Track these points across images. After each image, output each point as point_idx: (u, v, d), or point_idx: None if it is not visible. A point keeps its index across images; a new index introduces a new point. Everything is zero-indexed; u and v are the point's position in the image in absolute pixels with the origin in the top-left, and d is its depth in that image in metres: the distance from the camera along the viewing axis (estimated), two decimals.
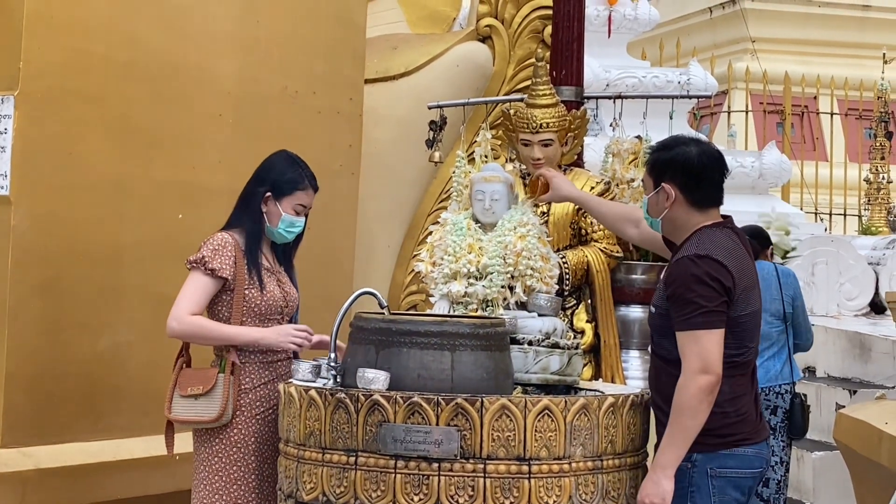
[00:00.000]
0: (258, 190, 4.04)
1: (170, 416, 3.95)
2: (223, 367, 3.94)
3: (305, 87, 5.65)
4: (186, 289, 3.93)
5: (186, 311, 3.90)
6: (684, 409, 3.40)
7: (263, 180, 4.05)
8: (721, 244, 3.52)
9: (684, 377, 3.41)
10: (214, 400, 3.91)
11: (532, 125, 4.74)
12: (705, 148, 3.64)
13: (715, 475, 3.48)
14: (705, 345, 3.40)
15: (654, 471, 3.46)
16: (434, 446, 3.41)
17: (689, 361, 3.41)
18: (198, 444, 3.97)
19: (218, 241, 3.96)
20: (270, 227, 4.05)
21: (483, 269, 4.26)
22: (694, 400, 3.39)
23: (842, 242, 9.83)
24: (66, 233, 4.73)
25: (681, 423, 3.41)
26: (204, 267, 3.91)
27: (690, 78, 10.03)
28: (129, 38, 4.94)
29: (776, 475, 5.68)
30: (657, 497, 3.41)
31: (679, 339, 3.45)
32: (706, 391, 3.39)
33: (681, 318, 3.44)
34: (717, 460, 3.48)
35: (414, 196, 6.63)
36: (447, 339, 3.56)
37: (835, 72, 13.66)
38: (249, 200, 4.05)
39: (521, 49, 6.70)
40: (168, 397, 3.95)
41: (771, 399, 5.68)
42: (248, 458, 3.95)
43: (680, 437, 3.42)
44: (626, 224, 4.25)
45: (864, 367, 7.97)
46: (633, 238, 4.30)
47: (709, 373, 3.39)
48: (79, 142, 4.78)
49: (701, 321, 3.41)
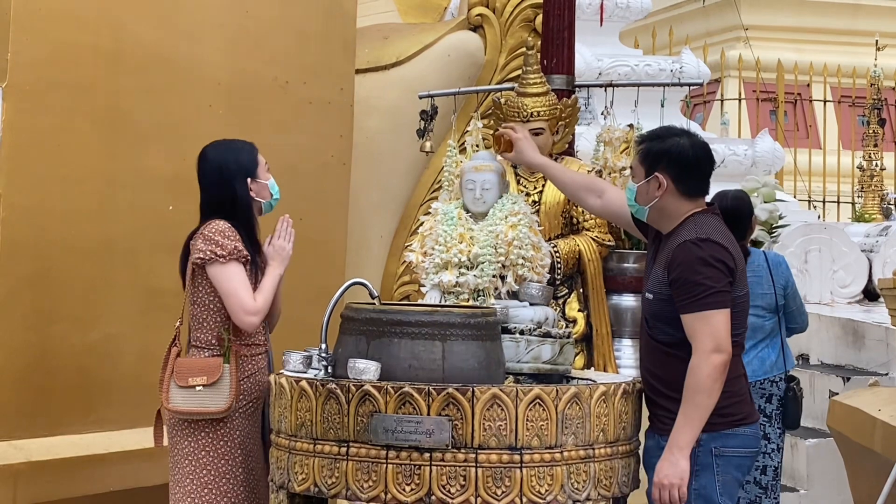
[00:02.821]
0: (237, 185, 4.01)
1: (169, 406, 3.89)
2: (227, 357, 3.93)
3: (296, 78, 5.63)
4: (233, 282, 3.90)
5: (252, 300, 3.91)
6: (700, 389, 3.46)
7: (233, 175, 4.02)
8: (718, 228, 3.61)
9: (697, 357, 3.47)
10: (221, 391, 3.90)
11: (523, 114, 4.73)
12: (696, 140, 3.72)
13: (719, 454, 3.55)
14: (716, 324, 3.47)
15: (670, 451, 3.50)
16: (425, 436, 3.40)
17: (702, 342, 3.46)
18: (179, 438, 3.92)
19: (225, 228, 3.94)
20: (266, 202, 4.09)
21: (474, 258, 4.25)
22: (709, 379, 3.45)
23: (835, 230, 9.82)
24: (56, 225, 4.72)
25: (697, 403, 3.47)
26: (239, 255, 3.92)
27: (683, 66, 10.01)
28: (118, 29, 4.92)
29: (773, 462, 5.68)
30: (675, 477, 3.46)
31: (688, 320, 3.50)
32: (720, 370, 3.46)
33: (689, 300, 3.49)
34: (721, 440, 3.55)
35: (406, 186, 6.62)
36: (438, 329, 3.56)
37: (828, 59, 13.66)
38: (235, 198, 4.01)
39: (513, 38, 6.68)
40: (164, 388, 3.90)
41: (766, 387, 5.67)
42: (234, 452, 3.94)
43: (696, 417, 3.47)
44: (589, 194, 4.19)
45: (857, 355, 7.97)
46: (595, 208, 4.23)
47: (721, 351, 3.46)
48: (68, 133, 4.76)
49: (710, 301, 3.47)
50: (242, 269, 3.94)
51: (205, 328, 3.96)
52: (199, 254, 3.91)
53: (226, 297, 3.92)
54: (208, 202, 4.04)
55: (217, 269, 3.91)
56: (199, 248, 3.92)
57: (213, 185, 4.02)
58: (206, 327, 3.96)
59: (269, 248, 4.10)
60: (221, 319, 3.96)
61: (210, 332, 3.96)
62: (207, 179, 4.04)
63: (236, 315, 3.92)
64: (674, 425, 3.51)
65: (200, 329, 3.96)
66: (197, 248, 3.92)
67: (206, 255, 3.90)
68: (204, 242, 3.92)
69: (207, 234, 3.93)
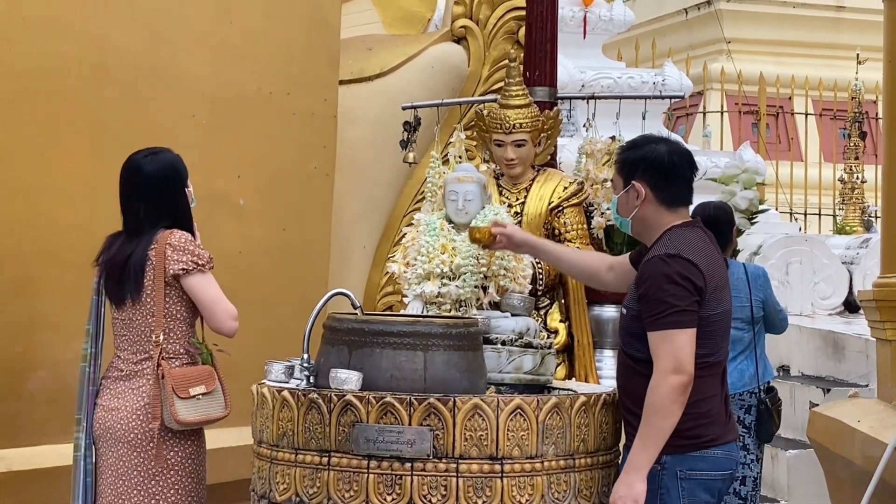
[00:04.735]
0: (181, 191, 4.03)
1: (178, 418, 3.82)
2: (211, 360, 3.95)
3: (279, 89, 5.65)
4: (213, 289, 3.92)
5: (232, 305, 3.94)
6: (657, 410, 3.37)
7: (180, 180, 4.03)
8: (692, 243, 3.50)
9: (656, 377, 3.38)
10: (217, 396, 3.92)
11: (505, 125, 4.76)
12: (675, 146, 3.63)
13: (685, 477, 3.46)
14: (677, 344, 3.37)
15: (626, 472, 3.42)
16: (407, 446, 3.42)
17: (662, 361, 3.38)
18: (163, 450, 3.87)
19: (188, 237, 3.95)
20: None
21: (456, 269, 4.27)
22: (666, 400, 3.36)
23: (816, 242, 9.89)
24: (39, 234, 4.72)
25: (653, 424, 3.38)
26: (211, 262, 3.95)
27: (665, 79, 10.05)
28: (102, 40, 4.93)
29: (752, 472, 5.71)
30: (630, 499, 3.38)
31: (651, 338, 3.43)
32: (679, 391, 3.36)
33: (652, 317, 3.42)
34: (687, 462, 3.46)
35: (389, 197, 6.64)
36: (420, 340, 3.57)
37: (809, 72, 13.72)
38: (177, 202, 4.01)
39: (496, 50, 6.72)
40: (169, 402, 3.82)
41: (745, 399, 5.71)
42: (204, 456, 4.00)
43: (652, 439, 3.39)
44: (602, 272, 3.97)
45: (837, 366, 8.02)
46: (610, 284, 3.99)
47: (681, 373, 3.36)
48: (51, 143, 4.76)
49: (673, 320, 3.38)
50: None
51: (172, 339, 3.93)
52: (181, 265, 3.89)
53: (211, 304, 3.91)
54: (150, 212, 3.96)
55: (198, 278, 3.91)
56: (176, 259, 3.89)
57: (158, 196, 3.98)
58: (174, 338, 3.93)
59: None
60: (187, 328, 3.96)
61: (179, 343, 3.94)
62: (151, 190, 3.97)
63: (222, 321, 3.92)
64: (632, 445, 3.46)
65: (168, 340, 3.92)
66: (175, 260, 3.88)
67: (188, 266, 3.89)
68: (179, 253, 3.89)
69: (177, 245, 3.90)
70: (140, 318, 3.92)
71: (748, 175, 7.26)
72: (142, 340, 3.92)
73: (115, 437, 3.89)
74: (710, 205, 5.55)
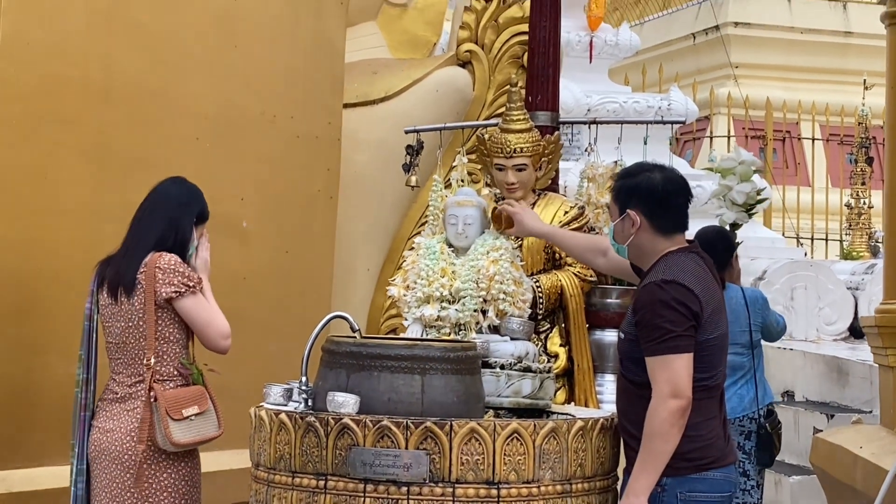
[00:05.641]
0: (188, 216, 4.06)
1: (174, 440, 3.85)
2: (202, 379, 3.97)
3: (283, 112, 5.67)
4: (209, 309, 3.97)
5: (226, 324, 3.98)
6: (656, 434, 3.41)
7: (192, 208, 4.08)
8: (687, 269, 3.53)
9: (655, 402, 3.42)
10: (210, 416, 3.94)
11: (506, 150, 4.77)
12: (669, 174, 3.66)
13: (685, 499, 3.48)
14: (675, 369, 3.40)
15: (627, 496, 3.45)
16: (403, 470, 3.42)
17: (660, 386, 3.41)
18: (155, 471, 3.89)
19: (178, 259, 3.98)
20: (188, 253, 4.09)
21: (456, 292, 4.27)
22: (665, 424, 3.39)
23: (821, 267, 9.87)
24: (42, 257, 4.74)
25: (653, 448, 3.41)
26: (201, 284, 3.98)
27: (671, 103, 10.08)
28: (105, 63, 4.96)
29: (752, 499, 5.69)
30: None
31: (648, 364, 3.46)
32: (677, 415, 3.40)
33: (649, 343, 3.45)
34: (687, 484, 3.48)
35: (393, 220, 6.65)
36: (418, 363, 3.58)
37: (816, 97, 13.74)
38: (179, 225, 4.04)
39: (501, 74, 6.74)
40: (164, 424, 3.84)
41: (745, 424, 5.69)
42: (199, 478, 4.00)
43: (652, 463, 3.42)
44: (594, 254, 4.27)
45: (841, 392, 8.00)
46: (602, 267, 4.33)
47: (679, 397, 3.39)
48: (54, 166, 4.79)
49: (669, 346, 3.41)
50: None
51: (165, 361, 3.95)
52: (172, 288, 3.92)
53: (204, 325, 3.95)
54: (157, 237, 4.02)
55: (190, 301, 3.94)
56: (167, 282, 3.91)
57: (172, 206, 4.06)
58: (167, 360, 3.96)
59: (198, 261, 4.10)
60: (181, 349, 3.99)
61: (171, 364, 3.96)
62: (168, 213, 4.05)
63: (215, 342, 3.95)
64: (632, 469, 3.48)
65: (162, 363, 3.94)
66: (166, 283, 3.91)
67: (180, 289, 3.92)
68: (170, 276, 3.92)
69: (166, 268, 3.93)
70: (133, 342, 3.94)
71: (744, 167, 7.16)
72: (135, 363, 3.94)
73: (109, 458, 3.90)
74: (710, 230, 5.55)
